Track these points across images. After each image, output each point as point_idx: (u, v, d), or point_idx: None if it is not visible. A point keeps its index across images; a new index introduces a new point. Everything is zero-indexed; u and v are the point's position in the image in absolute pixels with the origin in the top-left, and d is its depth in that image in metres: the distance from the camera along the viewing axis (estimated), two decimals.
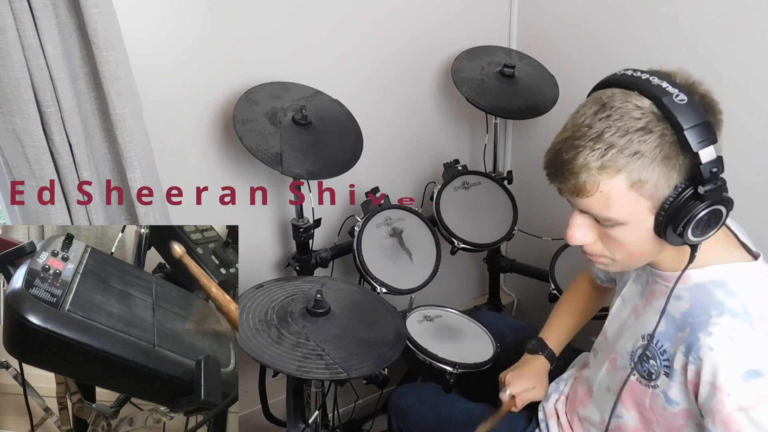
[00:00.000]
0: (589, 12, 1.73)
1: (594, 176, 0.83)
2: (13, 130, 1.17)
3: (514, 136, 2.10)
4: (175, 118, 1.52)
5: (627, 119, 0.81)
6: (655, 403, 0.97)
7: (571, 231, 0.92)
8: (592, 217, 0.89)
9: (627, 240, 0.89)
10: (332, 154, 1.50)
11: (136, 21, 1.37)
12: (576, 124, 0.85)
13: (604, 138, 0.82)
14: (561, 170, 0.86)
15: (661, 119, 0.81)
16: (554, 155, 0.87)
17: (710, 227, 0.84)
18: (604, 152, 0.82)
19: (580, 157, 0.83)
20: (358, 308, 1.29)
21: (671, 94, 0.80)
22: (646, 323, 0.99)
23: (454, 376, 1.41)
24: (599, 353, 1.15)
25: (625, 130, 0.81)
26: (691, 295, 0.91)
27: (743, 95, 1.39)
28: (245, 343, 1.09)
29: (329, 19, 1.64)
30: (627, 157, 0.81)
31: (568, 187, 0.87)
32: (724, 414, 0.84)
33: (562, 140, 0.87)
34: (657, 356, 0.95)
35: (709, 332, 0.86)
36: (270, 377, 1.52)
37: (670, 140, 0.80)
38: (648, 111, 0.81)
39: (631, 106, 0.82)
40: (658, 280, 0.98)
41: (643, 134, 0.80)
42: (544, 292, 1.69)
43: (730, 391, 0.83)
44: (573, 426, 1.17)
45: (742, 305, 0.86)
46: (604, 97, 0.84)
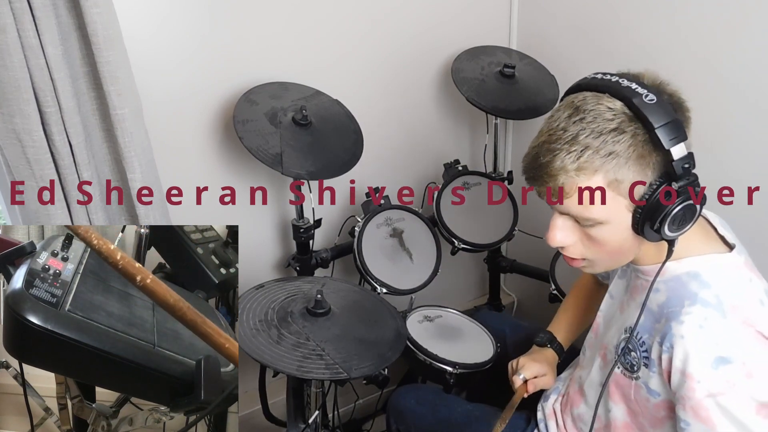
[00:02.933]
0: (589, 12, 1.73)
1: (572, 178, 0.85)
2: (13, 130, 1.17)
3: (515, 136, 2.10)
4: (175, 118, 1.52)
5: (600, 121, 0.83)
6: (638, 395, 0.98)
7: (552, 233, 0.94)
8: (572, 218, 0.91)
9: (607, 239, 0.91)
10: (332, 155, 1.50)
11: (136, 21, 1.37)
12: (551, 128, 0.88)
13: (579, 140, 0.84)
14: (539, 174, 0.88)
15: (632, 119, 0.83)
16: (532, 160, 0.90)
17: (685, 222, 0.87)
18: (580, 154, 0.84)
19: (557, 160, 0.85)
20: (359, 308, 1.29)
21: (641, 95, 0.82)
22: (628, 317, 1.01)
23: (454, 376, 1.41)
24: (588, 351, 1.17)
25: (599, 132, 0.83)
26: (668, 287, 0.93)
27: (741, 95, 1.39)
28: (245, 343, 1.09)
29: (329, 19, 1.64)
30: (602, 157, 0.83)
31: (547, 190, 0.89)
32: (694, 401, 0.85)
33: (538, 145, 0.89)
34: (637, 348, 0.97)
35: (681, 321, 0.88)
36: (270, 377, 1.52)
37: (642, 139, 0.83)
38: (620, 112, 0.83)
39: (603, 108, 0.84)
40: (638, 275, 1.00)
41: (617, 134, 0.83)
42: (544, 292, 1.69)
43: (699, 378, 0.85)
44: (567, 427, 1.17)
45: (715, 296, 0.88)
46: (577, 101, 0.87)
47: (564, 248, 0.96)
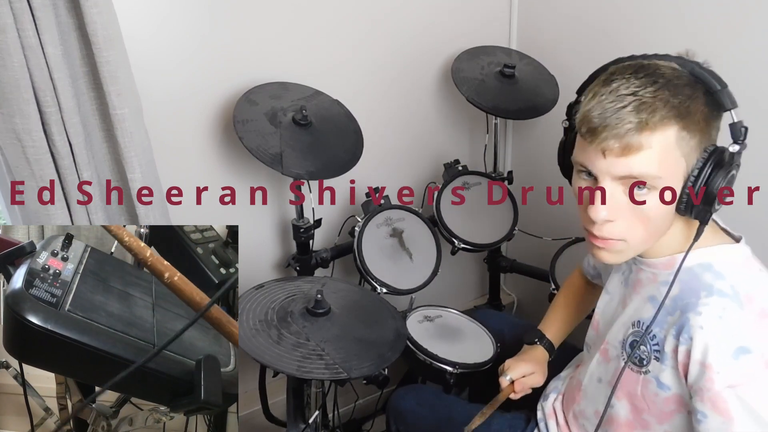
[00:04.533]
0: (590, 12, 1.73)
1: (650, 128, 0.82)
2: (13, 130, 1.17)
3: (515, 136, 2.10)
4: (175, 118, 1.52)
5: (672, 78, 0.84)
6: (646, 390, 0.97)
7: (598, 205, 0.87)
8: (622, 187, 0.87)
9: (653, 212, 0.87)
10: (332, 155, 1.50)
11: (136, 21, 1.37)
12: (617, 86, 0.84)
13: (657, 93, 0.82)
14: (610, 129, 0.82)
15: (697, 82, 0.84)
16: (601, 113, 0.84)
17: (728, 195, 0.87)
18: (661, 106, 0.82)
19: (632, 113, 0.82)
20: (358, 308, 1.29)
21: (694, 63, 0.86)
22: (636, 311, 1.00)
23: (454, 376, 1.41)
24: (591, 348, 1.16)
25: (674, 87, 0.83)
26: (680, 279, 0.92)
27: (742, 95, 1.38)
28: (245, 344, 1.09)
29: (329, 19, 1.64)
30: (677, 114, 0.82)
31: (616, 145, 0.83)
32: (713, 392, 0.85)
33: (605, 99, 0.84)
34: (647, 342, 0.96)
35: (698, 312, 0.87)
36: (270, 377, 1.52)
37: (709, 100, 0.84)
38: (685, 74, 0.85)
39: (668, 69, 0.85)
40: (643, 267, 0.99)
41: (692, 91, 0.83)
42: (544, 292, 1.69)
43: (719, 368, 0.84)
44: (569, 424, 1.17)
45: (731, 286, 0.88)
46: (634, 65, 0.87)
47: (606, 225, 0.89)
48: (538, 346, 1.30)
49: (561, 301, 1.37)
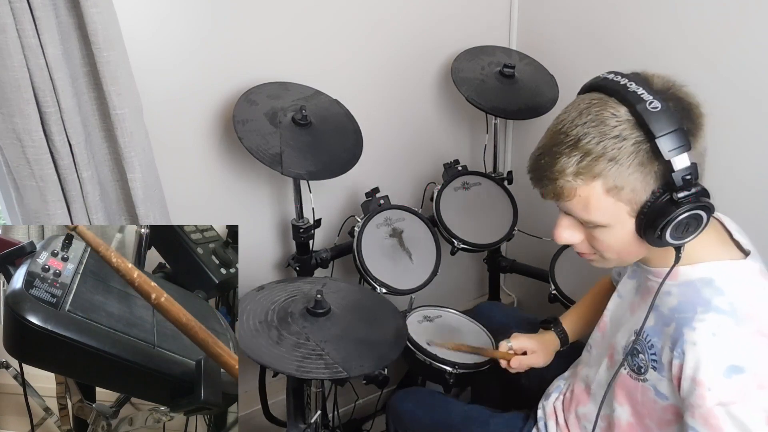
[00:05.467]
0: (590, 12, 1.73)
1: (571, 182, 0.86)
2: (13, 130, 1.17)
3: (514, 137, 2.10)
4: (175, 118, 1.52)
5: (603, 126, 0.83)
6: (645, 397, 0.98)
7: (558, 231, 0.95)
8: (576, 218, 0.92)
9: (611, 241, 0.91)
10: (332, 155, 1.50)
11: (136, 21, 1.37)
12: (555, 130, 0.88)
13: (580, 145, 0.84)
14: (541, 175, 0.89)
15: (635, 126, 0.82)
16: (535, 160, 0.91)
17: (690, 230, 0.86)
18: (581, 159, 0.84)
19: (558, 164, 0.86)
20: (358, 308, 1.29)
21: (645, 101, 0.81)
22: (639, 319, 1.00)
23: (453, 376, 1.41)
24: (594, 349, 1.16)
25: (601, 137, 0.83)
26: (680, 291, 0.92)
27: (743, 95, 1.39)
28: (245, 344, 1.09)
29: (329, 19, 1.64)
30: (603, 163, 0.83)
31: (548, 191, 0.90)
32: (705, 409, 0.85)
33: (542, 146, 0.90)
34: (645, 350, 0.96)
35: (693, 327, 0.87)
36: (270, 377, 1.53)
37: (644, 147, 0.82)
38: (623, 119, 0.83)
39: (607, 113, 0.84)
40: (649, 276, 1.00)
41: (618, 141, 0.82)
42: (544, 292, 1.69)
43: (710, 385, 0.84)
44: (569, 425, 1.17)
45: (729, 303, 0.87)
46: (583, 104, 0.87)
47: (573, 245, 0.97)
48: (551, 331, 1.31)
49: (586, 300, 1.37)
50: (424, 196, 1.92)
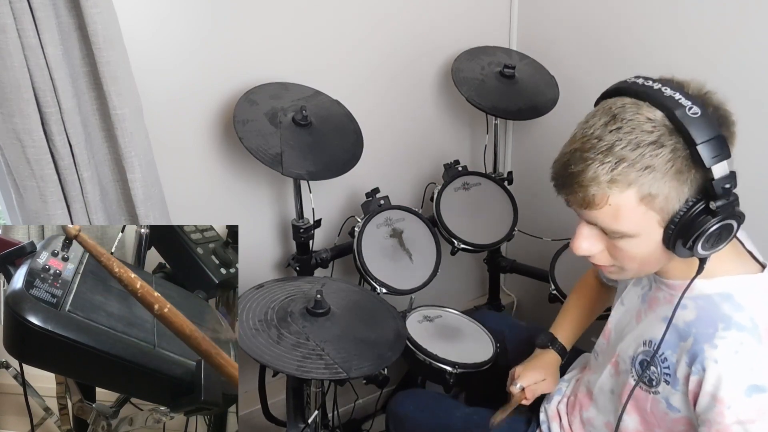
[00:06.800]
0: (590, 12, 1.73)
1: (604, 189, 0.82)
2: (13, 130, 1.17)
3: (515, 137, 2.10)
4: (175, 118, 1.52)
5: (638, 132, 0.79)
6: (656, 409, 0.96)
7: (578, 242, 0.91)
8: (599, 228, 0.88)
9: (635, 252, 0.88)
10: (332, 155, 1.50)
11: (136, 21, 1.37)
12: (585, 135, 0.83)
13: (615, 151, 0.80)
14: (569, 182, 0.84)
15: (673, 132, 0.79)
16: (562, 167, 0.86)
17: (720, 241, 0.84)
18: (615, 166, 0.80)
19: (590, 170, 0.81)
20: (358, 308, 1.29)
21: (684, 107, 0.78)
22: (647, 329, 0.98)
23: (453, 376, 1.41)
24: (600, 356, 1.15)
25: (637, 144, 0.79)
26: (697, 305, 0.90)
27: (743, 96, 1.38)
28: (245, 343, 1.09)
29: (329, 19, 1.64)
30: (638, 171, 0.79)
31: (576, 199, 0.85)
32: (722, 426, 0.84)
33: (570, 151, 0.85)
34: (657, 363, 0.94)
35: (714, 344, 0.85)
36: (270, 377, 1.52)
37: (682, 154, 0.79)
38: (660, 124, 0.79)
39: (642, 118, 0.80)
40: (662, 287, 0.97)
41: (655, 148, 0.79)
42: (544, 292, 1.69)
43: (730, 403, 0.83)
44: (573, 428, 1.17)
45: (750, 319, 0.85)
46: (615, 108, 0.83)
47: (590, 257, 0.92)
48: (551, 350, 1.28)
49: (573, 303, 1.35)
50: (425, 196, 1.92)
